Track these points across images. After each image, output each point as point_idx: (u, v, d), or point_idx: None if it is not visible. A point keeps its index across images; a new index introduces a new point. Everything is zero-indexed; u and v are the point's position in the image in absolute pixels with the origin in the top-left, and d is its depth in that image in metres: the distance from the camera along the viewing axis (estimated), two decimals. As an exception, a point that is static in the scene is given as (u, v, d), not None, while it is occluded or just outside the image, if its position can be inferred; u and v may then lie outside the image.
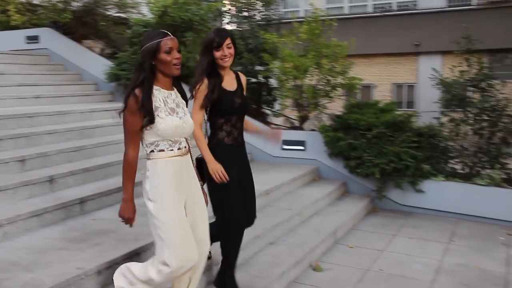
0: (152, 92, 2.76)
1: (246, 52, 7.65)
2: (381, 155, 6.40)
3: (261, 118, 8.10)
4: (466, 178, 6.56)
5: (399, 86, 17.85)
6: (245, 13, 8.09)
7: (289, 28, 7.72)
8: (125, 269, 3.04)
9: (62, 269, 3.29)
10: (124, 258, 3.57)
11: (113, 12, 9.41)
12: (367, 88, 17.12)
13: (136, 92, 2.71)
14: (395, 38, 16.99)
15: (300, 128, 7.82)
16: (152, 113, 2.73)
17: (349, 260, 4.95)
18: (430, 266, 4.85)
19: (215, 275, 3.74)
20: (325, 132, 6.96)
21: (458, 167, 6.80)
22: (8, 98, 6.78)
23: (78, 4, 8.91)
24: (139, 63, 2.80)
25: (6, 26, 9.42)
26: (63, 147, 5.44)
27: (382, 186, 6.60)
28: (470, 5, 15.99)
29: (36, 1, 9.14)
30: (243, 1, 8.49)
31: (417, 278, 4.55)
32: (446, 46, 7.20)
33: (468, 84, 6.84)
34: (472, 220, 6.29)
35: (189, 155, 3.03)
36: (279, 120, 8.60)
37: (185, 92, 3.08)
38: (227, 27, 8.54)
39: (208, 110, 3.47)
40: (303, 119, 7.86)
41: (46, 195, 4.59)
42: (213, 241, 3.36)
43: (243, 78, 3.70)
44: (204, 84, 3.37)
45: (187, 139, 3.01)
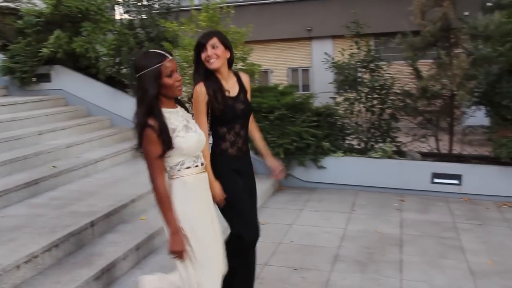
0: (164, 117, 2.60)
1: (147, 42, 7.65)
2: (284, 135, 6.73)
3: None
4: (362, 152, 7.11)
5: (294, 70, 18.49)
6: (144, 2, 8.04)
7: (188, 16, 7.81)
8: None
9: (-21, 267, 3.24)
10: (43, 250, 3.57)
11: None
12: (265, 73, 17.56)
13: (151, 123, 2.53)
14: (289, 24, 17.56)
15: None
16: (171, 138, 2.59)
17: (262, 236, 5.16)
18: (336, 235, 5.26)
19: None
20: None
21: (354, 142, 7.35)
22: None
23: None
24: (141, 90, 2.59)
25: None
26: (-39, 145, 5.21)
27: (286, 165, 6.95)
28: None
29: None
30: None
31: (325, 246, 4.93)
32: (336, 31, 7.67)
33: (358, 66, 7.37)
34: (370, 191, 6.83)
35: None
36: (183, 108, 8.67)
37: (186, 105, 2.93)
38: (124, 16, 8.43)
39: (209, 119, 3.18)
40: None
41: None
42: None
43: (245, 78, 3.39)
44: (201, 92, 3.10)
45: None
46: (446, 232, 5.33)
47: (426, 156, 7.23)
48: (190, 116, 2.87)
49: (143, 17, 8.01)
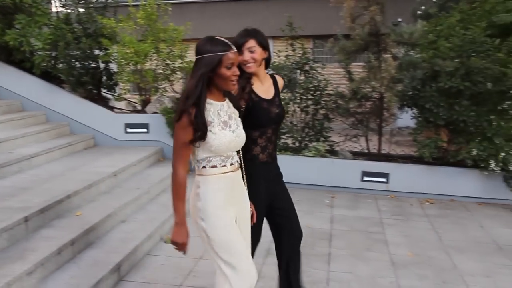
0: (205, 107, 2.51)
1: (85, 37, 7.57)
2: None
3: (102, 103, 8.10)
4: (297, 151, 7.36)
5: (234, 68, 18.64)
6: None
7: (126, 13, 7.80)
8: None
9: None
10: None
11: None
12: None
13: (190, 109, 2.44)
14: (230, 23, 17.65)
15: (142, 111, 7.99)
16: (205, 129, 2.48)
17: (196, 231, 5.34)
18: (269, 230, 5.43)
19: None
20: (167, 114, 7.25)
21: (289, 141, 7.59)
22: None
23: None
24: (195, 73, 2.48)
25: None
26: None
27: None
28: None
29: None
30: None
31: (260, 240, 5.10)
32: (276, 32, 7.88)
33: (294, 67, 7.61)
34: (304, 188, 7.09)
35: (240, 170, 2.80)
36: (121, 104, 8.66)
37: (237, 100, 2.79)
38: (61, 9, 8.28)
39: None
40: (145, 102, 8.04)
41: None
42: None
43: (280, 82, 3.27)
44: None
45: (239, 151, 2.79)
46: (373, 227, 5.65)
47: (357, 155, 7.58)
48: (236, 112, 2.71)
49: (80, 11, 7.90)
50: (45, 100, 7.70)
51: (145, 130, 7.56)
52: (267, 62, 3.10)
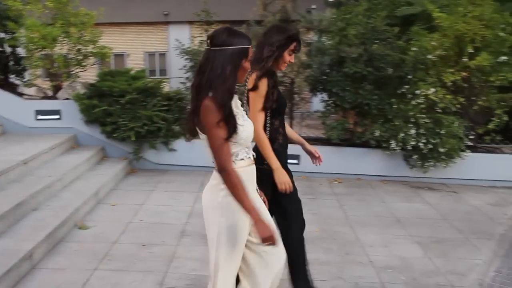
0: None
1: (-12, 20, 7.28)
2: (135, 119, 6.89)
3: (11, 89, 7.83)
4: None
5: (151, 54, 18.46)
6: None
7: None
8: None
9: None
10: None
11: None
12: (120, 56, 17.32)
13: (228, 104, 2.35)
14: (146, 7, 17.44)
15: (54, 97, 7.81)
16: (236, 122, 2.38)
17: (112, 216, 5.39)
18: (183, 212, 5.59)
19: None
20: (80, 100, 7.14)
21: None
22: None
23: None
24: (221, 66, 2.33)
25: None
26: None
27: (138, 148, 7.13)
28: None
29: None
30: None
31: (173, 223, 5.24)
32: (193, 17, 7.96)
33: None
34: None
35: None
36: (31, 91, 8.40)
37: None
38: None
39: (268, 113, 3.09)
40: (57, 88, 7.86)
41: None
42: None
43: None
44: (265, 84, 2.97)
45: None
46: (284, 206, 5.92)
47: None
48: (240, 103, 2.61)
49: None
50: None
51: (57, 116, 7.40)
52: None
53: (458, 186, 7.04)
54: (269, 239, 2.39)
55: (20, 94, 7.85)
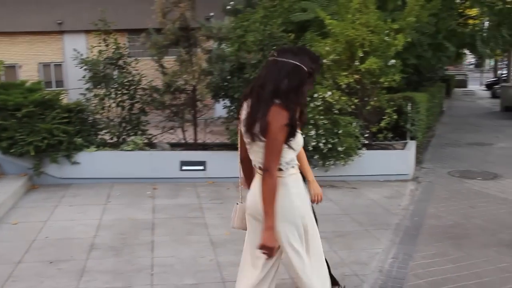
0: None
1: None
2: (34, 133, 6.65)
3: None
4: (115, 146, 7.43)
5: (46, 65, 17.69)
6: None
7: None
8: None
9: None
10: None
11: None
12: (12, 68, 16.44)
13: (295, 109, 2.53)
14: (38, 16, 16.67)
15: None
16: (295, 131, 2.54)
17: (14, 236, 5.17)
18: (91, 226, 5.48)
19: None
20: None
21: (107, 137, 7.61)
22: None
23: None
24: (299, 80, 2.52)
25: None
26: None
27: (38, 163, 6.88)
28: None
29: None
30: None
31: (81, 237, 5.12)
32: (88, 26, 7.80)
33: (107, 62, 7.62)
34: (125, 182, 7.17)
35: None
36: None
37: None
38: None
39: None
40: None
41: None
42: None
43: None
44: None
45: None
46: (193, 213, 6.00)
47: (175, 146, 7.89)
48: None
49: None
50: None
51: None
52: None
53: (357, 182, 7.45)
54: (268, 249, 2.51)
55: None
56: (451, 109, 20.32)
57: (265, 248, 2.51)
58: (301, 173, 2.86)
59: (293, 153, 2.62)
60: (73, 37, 16.69)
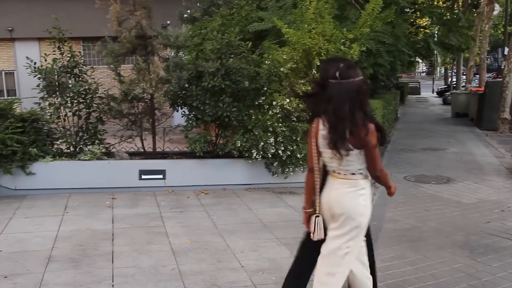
0: None
1: None
2: (-15, 144, 6.46)
3: None
4: (72, 155, 7.29)
5: (-4, 73, 17.21)
6: None
7: None
8: None
9: None
10: None
11: None
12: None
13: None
14: (-14, 24, 16.21)
15: None
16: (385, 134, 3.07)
17: (-34, 250, 5.01)
18: (48, 237, 5.35)
19: None
20: None
21: (63, 147, 7.46)
22: None
23: None
24: (363, 95, 2.97)
25: None
26: None
27: (-9, 175, 6.69)
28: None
29: None
30: None
31: (38, 250, 5.00)
32: (42, 33, 7.64)
33: (63, 71, 7.48)
34: (83, 192, 7.05)
35: None
36: None
37: None
38: None
39: None
40: None
41: None
42: None
43: None
44: None
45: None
46: (153, 222, 5.95)
47: (134, 155, 7.81)
48: None
49: None
50: None
51: None
52: None
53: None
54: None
55: None
56: (405, 116, 20.87)
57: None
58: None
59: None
60: (25, 45, 16.31)
